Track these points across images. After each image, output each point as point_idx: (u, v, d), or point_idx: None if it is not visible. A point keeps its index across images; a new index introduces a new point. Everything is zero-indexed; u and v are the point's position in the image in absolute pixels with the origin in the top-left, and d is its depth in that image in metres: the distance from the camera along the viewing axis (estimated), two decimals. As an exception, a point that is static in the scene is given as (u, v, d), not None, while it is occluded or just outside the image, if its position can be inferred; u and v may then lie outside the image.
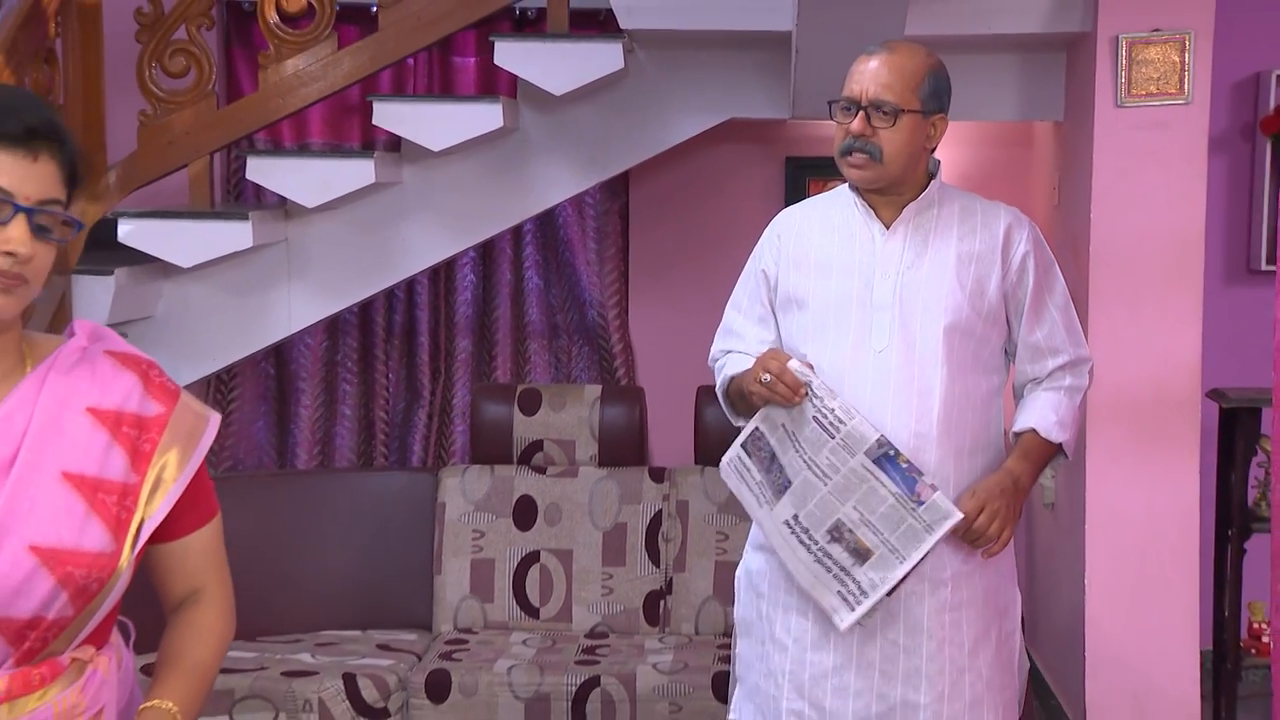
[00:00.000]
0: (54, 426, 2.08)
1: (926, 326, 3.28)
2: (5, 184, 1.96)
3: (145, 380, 2.20)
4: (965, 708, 3.30)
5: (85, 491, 2.08)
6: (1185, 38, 5.26)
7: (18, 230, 1.97)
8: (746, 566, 3.52)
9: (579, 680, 4.73)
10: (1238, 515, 5.57)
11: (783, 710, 3.34)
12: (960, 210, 3.37)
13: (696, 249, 6.72)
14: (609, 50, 5.40)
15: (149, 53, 5.38)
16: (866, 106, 3.26)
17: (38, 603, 2.04)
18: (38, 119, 2.01)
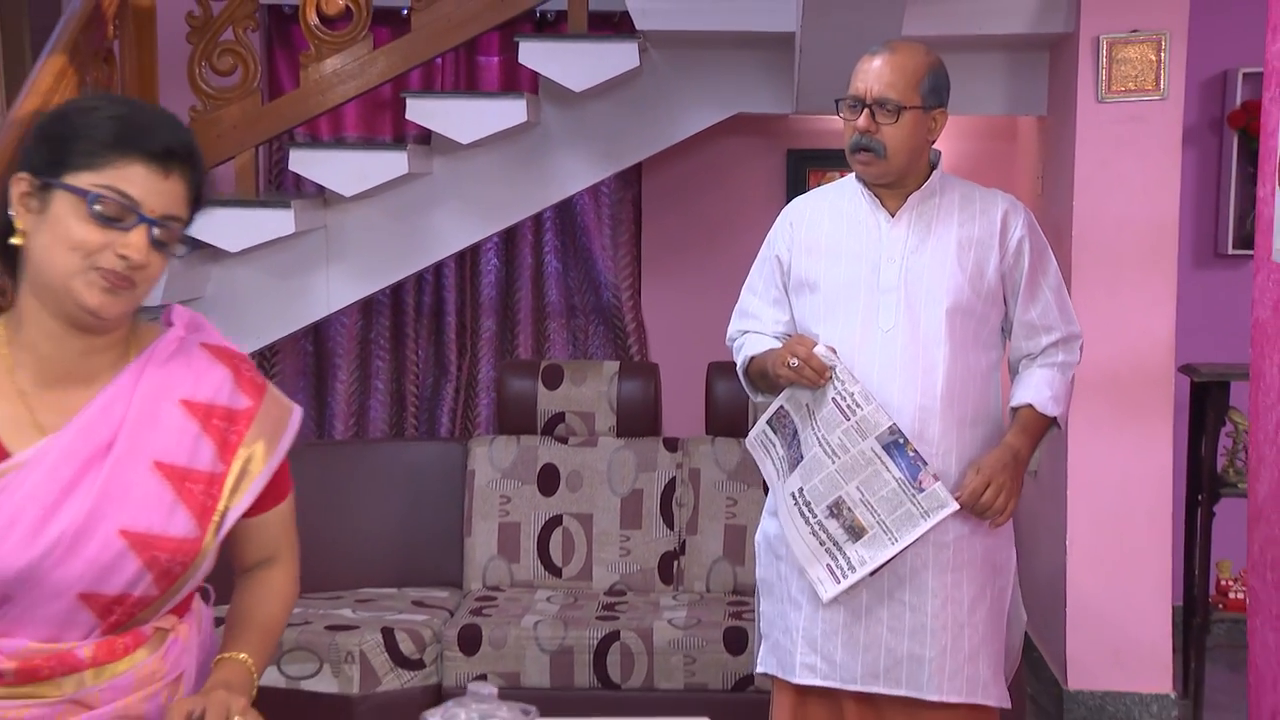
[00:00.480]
0: (149, 417, 2.07)
1: (930, 307, 3.30)
2: (135, 194, 1.96)
3: (236, 374, 2.18)
4: (965, 659, 3.33)
5: (174, 480, 2.07)
6: (1161, 38, 5.27)
7: (137, 238, 1.97)
8: (765, 531, 3.54)
9: (600, 634, 4.75)
10: (1207, 481, 5.60)
11: (797, 664, 3.36)
12: (960, 198, 3.38)
13: (704, 235, 6.75)
14: (625, 50, 5.41)
15: (199, 53, 5.39)
16: (871, 104, 3.27)
17: (125, 582, 2.05)
18: (176, 140, 2.01)
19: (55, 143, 1.97)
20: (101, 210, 1.94)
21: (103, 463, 2.03)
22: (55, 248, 1.96)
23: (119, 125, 1.97)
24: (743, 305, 3.57)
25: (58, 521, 1.99)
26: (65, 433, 2.02)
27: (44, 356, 2.04)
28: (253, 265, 5.55)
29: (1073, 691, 5.51)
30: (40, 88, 4.60)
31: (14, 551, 1.97)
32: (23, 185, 1.98)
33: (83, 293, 1.97)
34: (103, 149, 1.95)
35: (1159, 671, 5.52)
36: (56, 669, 2.06)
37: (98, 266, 1.96)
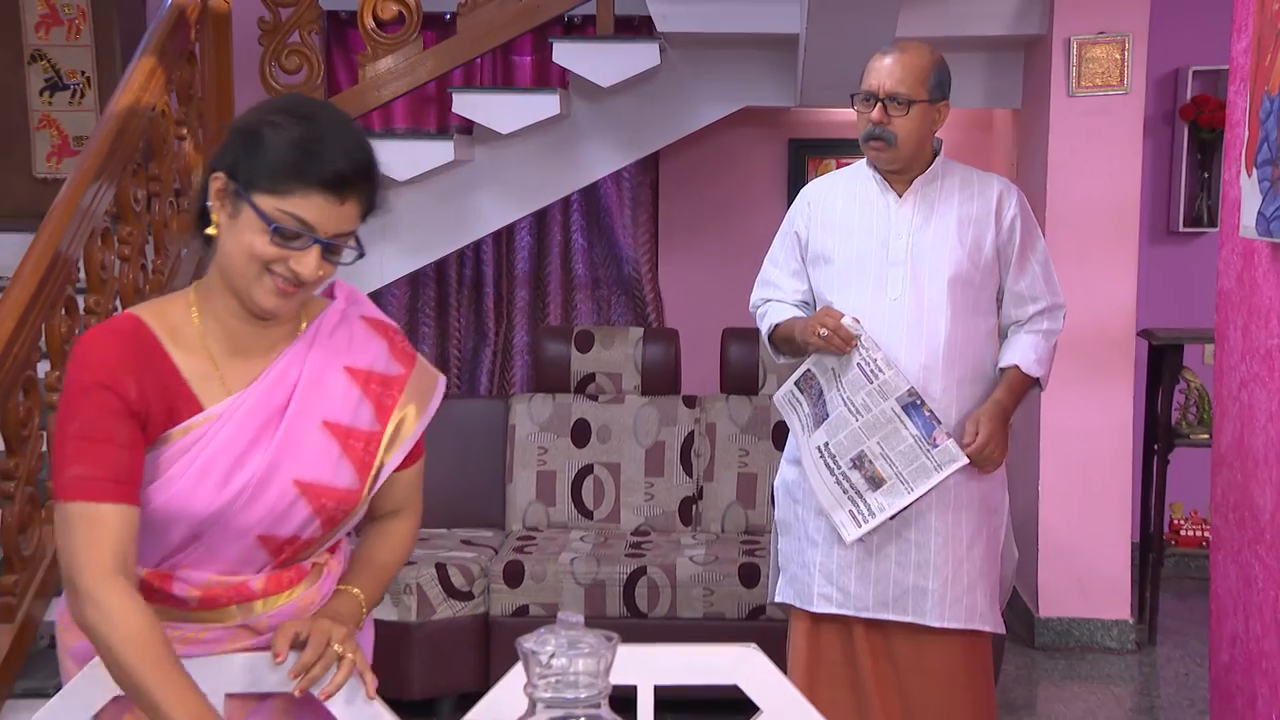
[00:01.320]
0: (318, 381, 2.08)
1: (933, 278, 3.30)
2: (311, 220, 1.94)
3: (391, 345, 2.18)
4: (964, 590, 3.34)
5: (339, 437, 2.08)
6: (1125, 39, 5.27)
7: (310, 258, 1.96)
8: (783, 478, 3.54)
9: (629, 570, 4.75)
10: (1163, 433, 5.61)
11: (814, 594, 3.38)
12: (960, 181, 3.38)
13: (714, 215, 6.75)
14: (647, 49, 5.40)
15: (269, 54, 5.38)
16: (884, 98, 3.26)
17: (296, 525, 2.08)
18: (351, 168, 1.96)
19: (248, 159, 1.95)
20: (280, 233, 1.93)
21: (280, 421, 2.04)
22: (238, 253, 1.96)
23: (301, 154, 1.92)
24: (765, 275, 3.56)
25: (243, 471, 2.01)
26: (250, 393, 2.03)
27: (229, 328, 2.05)
28: (315, 243, 5.54)
29: (1043, 618, 5.54)
30: (133, 85, 4.60)
31: (207, 495, 1.99)
32: (219, 183, 1.98)
33: (258, 296, 1.97)
34: (286, 178, 1.92)
35: (1119, 600, 5.55)
36: (233, 598, 2.09)
37: (272, 272, 1.95)
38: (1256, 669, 3.07)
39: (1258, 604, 3.06)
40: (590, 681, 1.57)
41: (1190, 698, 5.09)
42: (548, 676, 1.58)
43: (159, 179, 4.81)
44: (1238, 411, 3.20)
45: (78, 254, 4.15)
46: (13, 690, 3.76)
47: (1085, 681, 5.24)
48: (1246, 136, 2.98)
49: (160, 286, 4.78)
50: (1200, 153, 6.48)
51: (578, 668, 1.57)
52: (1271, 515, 2.96)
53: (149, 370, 1.97)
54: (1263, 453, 3.02)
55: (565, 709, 1.57)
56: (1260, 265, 3.05)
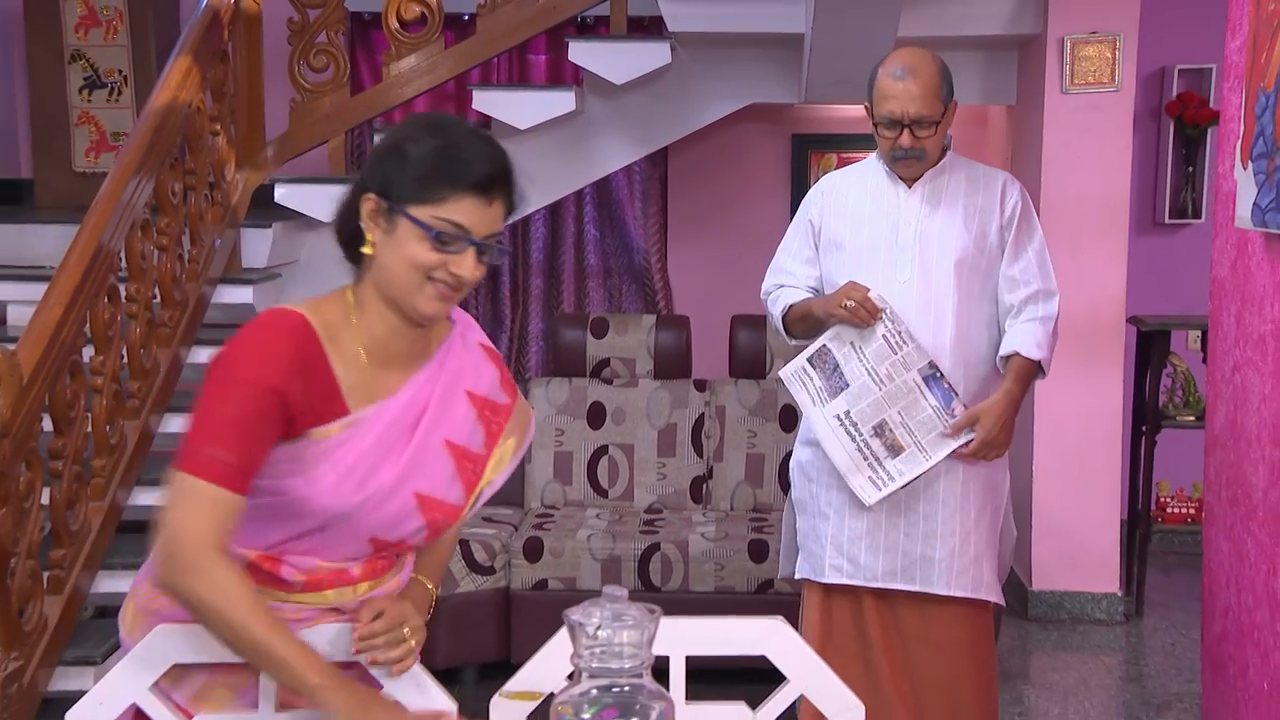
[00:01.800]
0: (446, 402, 2.10)
1: (940, 263, 3.30)
2: (466, 223, 1.94)
3: (501, 374, 2.21)
4: (970, 561, 3.35)
5: (456, 457, 2.10)
6: (1116, 38, 5.26)
7: (468, 260, 1.97)
8: (798, 459, 3.54)
9: (643, 546, 4.76)
10: (1151, 415, 5.61)
11: (826, 565, 3.38)
12: (966, 175, 3.38)
13: (721, 207, 6.75)
14: (659, 49, 5.39)
15: (298, 53, 5.37)
16: (909, 124, 3.25)
17: (406, 532, 2.11)
18: (497, 169, 1.98)
19: (397, 176, 1.96)
20: (440, 239, 1.94)
21: (412, 435, 2.06)
22: (399, 265, 1.96)
23: (449, 162, 1.95)
24: (778, 263, 3.55)
25: (376, 478, 2.02)
26: (392, 403, 2.04)
27: (378, 339, 2.04)
28: (340, 233, 5.53)
29: (1036, 591, 5.55)
30: (170, 83, 4.59)
31: (345, 496, 2.00)
32: (370, 204, 1.98)
33: (421, 303, 1.98)
34: (438, 185, 1.93)
35: (1108, 574, 5.56)
36: (333, 583, 2.11)
37: (433, 279, 1.96)
38: (1248, 640, 3.08)
39: (1250, 578, 3.07)
40: (634, 652, 1.58)
41: (1176, 666, 5.10)
42: (593, 647, 1.58)
43: (194, 172, 4.80)
44: (1231, 394, 3.20)
45: (119, 245, 4.15)
46: (62, 658, 3.77)
47: (1076, 651, 5.25)
48: (1242, 131, 2.98)
49: (195, 276, 4.78)
50: (1185, 147, 6.48)
51: (622, 639, 1.58)
52: (1264, 493, 2.97)
53: (311, 372, 1.98)
54: (1255, 433, 3.03)
55: (610, 678, 1.58)
56: (1254, 255, 3.05)
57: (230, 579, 1.90)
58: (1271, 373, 2.93)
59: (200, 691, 2.09)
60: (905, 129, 3.25)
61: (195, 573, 1.89)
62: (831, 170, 6.58)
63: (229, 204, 5.14)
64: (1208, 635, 3.40)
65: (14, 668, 3.45)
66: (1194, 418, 5.66)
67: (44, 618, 3.66)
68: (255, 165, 5.36)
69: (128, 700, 2.01)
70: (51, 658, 3.69)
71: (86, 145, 6.00)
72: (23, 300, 4.86)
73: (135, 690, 2.00)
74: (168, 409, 4.53)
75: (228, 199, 5.14)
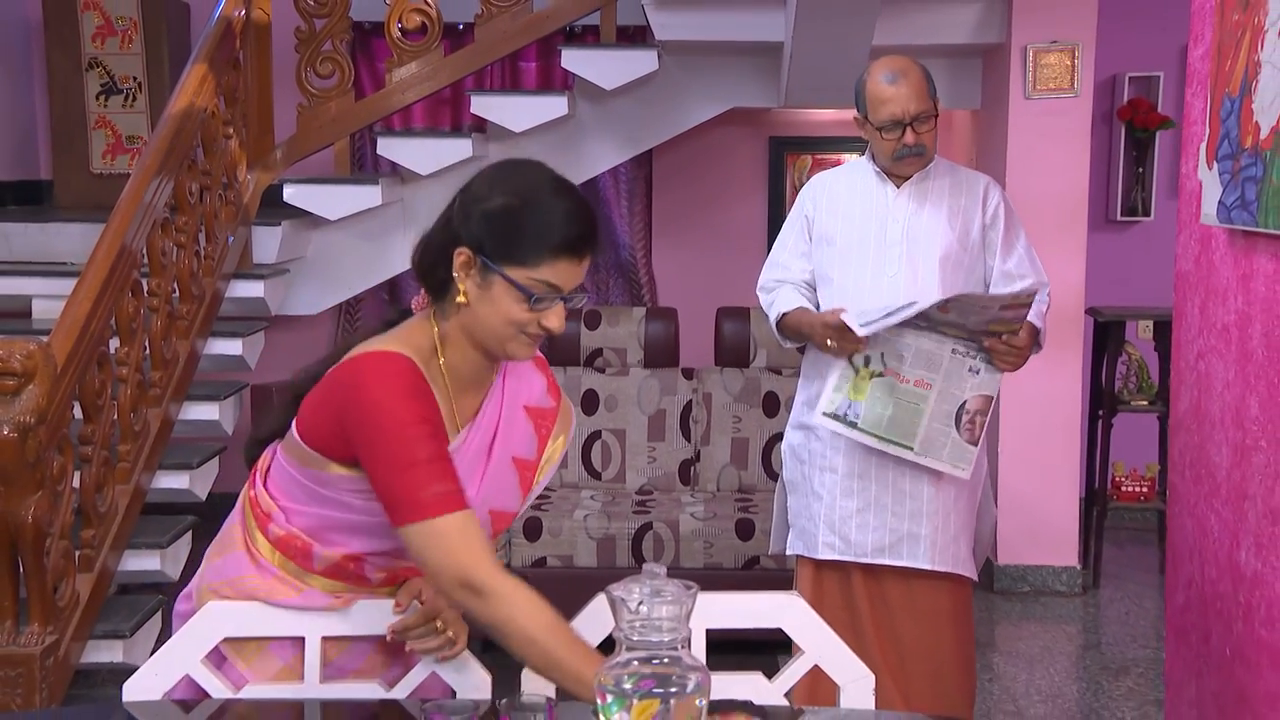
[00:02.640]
0: (511, 420, 2.10)
1: (926, 259, 3.30)
2: (558, 282, 1.93)
3: (548, 381, 2.21)
4: (951, 539, 3.36)
5: (520, 469, 2.11)
6: (1075, 47, 5.29)
7: (558, 314, 1.96)
8: (790, 442, 3.53)
9: (636, 525, 4.76)
10: (1107, 400, 5.65)
11: (819, 543, 3.39)
12: (950, 178, 3.40)
13: (702, 205, 6.75)
14: (647, 56, 5.40)
15: (305, 60, 5.36)
16: (910, 122, 3.26)
17: None
18: (587, 227, 1.96)
19: (492, 236, 1.93)
20: (530, 299, 1.92)
21: (488, 459, 2.06)
22: (494, 318, 1.95)
23: (544, 228, 1.92)
24: (775, 258, 3.53)
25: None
26: (474, 430, 2.05)
27: (458, 372, 2.03)
28: (345, 231, 5.53)
29: (1001, 565, 5.58)
30: (188, 89, 4.58)
31: None
32: (464, 258, 1.94)
33: (514, 350, 1.98)
34: (535, 252, 1.91)
35: (1068, 548, 5.59)
36: (407, 576, 2.13)
37: (526, 333, 1.96)
38: (1211, 610, 3.10)
39: (1213, 552, 3.09)
40: (672, 626, 1.58)
41: (1131, 634, 5.14)
42: (634, 621, 1.58)
43: (210, 173, 4.79)
44: (1195, 380, 3.22)
45: (142, 242, 4.14)
46: (92, 632, 3.75)
47: (1040, 621, 5.28)
48: (1207, 134, 2.99)
49: (211, 271, 4.76)
50: (1135, 149, 6.52)
51: (661, 613, 1.58)
52: (1228, 473, 2.99)
53: (433, 409, 1.97)
54: (1219, 416, 3.05)
55: (650, 650, 1.58)
56: (1218, 250, 3.07)
57: (527, 599, 1.89)
58: (1235, 360, 2.95)
59: (255, 661, 2.09)
60: (907, 127, 3.25)
61: (494, 599, 1.88)
62: (806, 170, 6.69)
63: (241, 203, 5.12)
64: (1171, 605, 3.42)
65: (50, 641, 3.44)
66: (1147, 402, 5.70)
67: (76, 594, 3.65)
68: (265, 166, 5.34)
69: (181, 672, 2.01)
70: (83, 632, 3.68)
71: (103, 148, 5.97)
72: (47, 295, 4.85)
73: (188, 662, 1.99)
74: (186, 397, 4.52)
75: (240, 198, 5.12)
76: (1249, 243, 2.88)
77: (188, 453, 4.46)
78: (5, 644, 3.38)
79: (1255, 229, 2.73)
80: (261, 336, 5.12)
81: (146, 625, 3.98)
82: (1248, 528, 2.89)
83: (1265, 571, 2.79)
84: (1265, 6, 2.66)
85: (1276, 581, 2.76)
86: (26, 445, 3.28)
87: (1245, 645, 2.93)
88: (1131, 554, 6.11)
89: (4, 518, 3.28)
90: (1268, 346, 2.80)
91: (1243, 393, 2.91)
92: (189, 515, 4.39)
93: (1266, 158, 2.67)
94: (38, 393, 3.31)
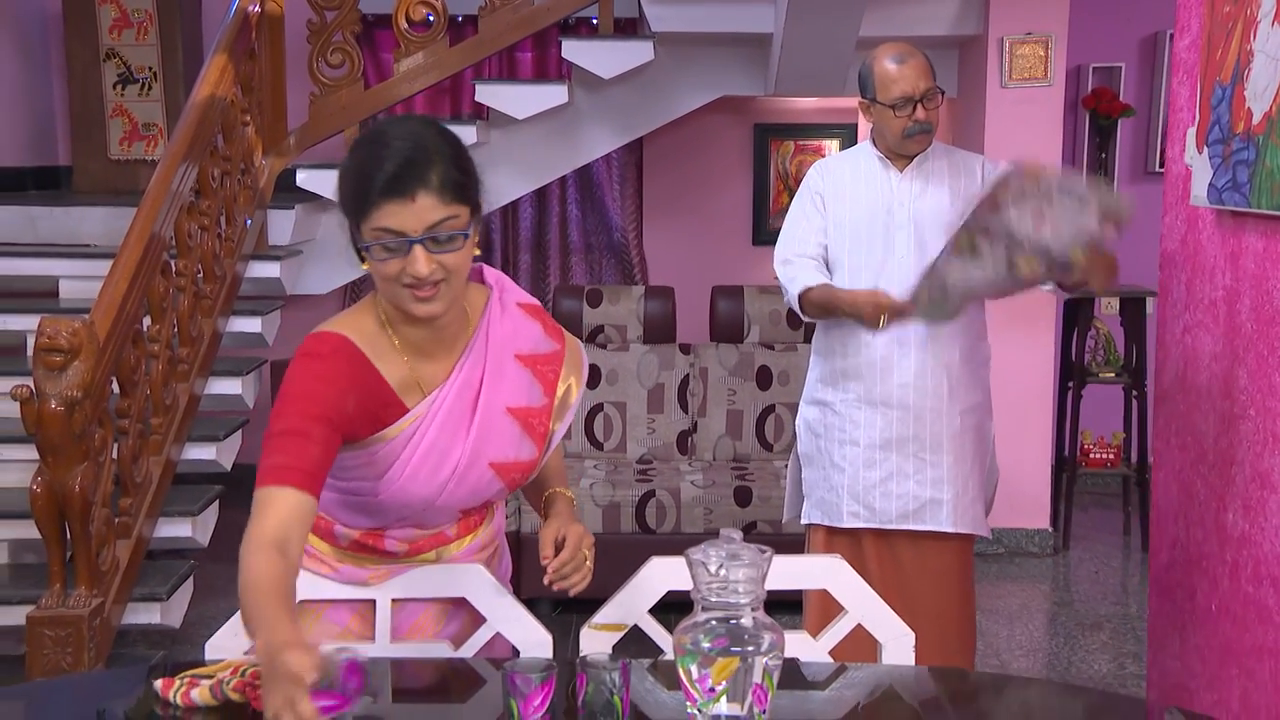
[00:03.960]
0: (498, 373, 2.01)
1: (934, 240, 3.28)
2: (395, 226, 1.80)
3: (544, 325, 2.10)
4: (969, 503, 3.38)
5: (520, 418, 2.02)
6: (1049, 39, 5.30)
7: (417, 258, 1.81)
8: (804, 417, 3.52)
9: (640, 493, 4.77)
10: (1076, 372, 5.69)
11: (844, 512, 3.38)
12: (949, 160, 3.40)
13: (690, 189, 6.74)
14: (643, 47, 5.37)
15: (316, 51, 5.31)
16: (920, 99, 3.26)
17: (490, 495, 2.08)
18: (402, 164, 1.81)
19: (345, 203, 1.87)
20: (381, 250, 1.83)
21: (473, 414, 1.99)
22: (379, 281, 1.88)
23: (360, 177, 1.83)
24: (790, 231, 3.43)
25: (449, 463, 1.97)
26: (445, 392, 1.98)
27: (413, 337, 1.96)
28: (354, 214, 5.48)
29: (978, 528, 5.61)
30: (210, 79, 4.54)
31: (422, 488, 1.97)
32: (347, 230, 1.90)
33: (408, 307, 1.88)
34: (359, 203, 1.83)
35: (1040, 512, 5.64)
36: (433, 545, 2.11)
37: (404, 285, 1.85)
38: (1196, 568, 3.13)
39: (1199, 514, 3.11)
40: (749, 589, 1.58)
41: (1102, 591, 5.19)
42: (711, 584, 1.58)
43: (230, 159, 4.75)
44: (1180, 353, 3.24)
45: (170, 226, 4.10)
46: (131, 595, 3.73)
47: (1016, 581, 5.32)
48: (1197, 120, 3.00)
49: (231, 253, 4.72)
50: (1099, 137, 6.53)
51: (738, 576, 1.58)
52: (1215, 440, 3.01)
53: (363, 384, 1.91)
54: (1206, 387, 3.07)
55: (727, 611, 1.58)
56: (1205, 230, 3.08)
57: (259, 558, 1.73)
58: (1223, 334, 2.98)
59: (313, 629, 2.08)
60: (917, 104, 3.25)
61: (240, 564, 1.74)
62: (790, 156, 6.68)
63: (257, 187, 5.08)
64: (1155, 564, 3.45)
65: (95, 604, 3.43)
66: (1114, 374, 5.74)
67: (116, 559, 3.64)
68: (279, 152, 5.30)
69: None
70: (123, 595, 3.67)
71: (120, 135, 5.92)
72: (73, 275, 4.80)
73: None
74: (210, 373, 4.49)
75: (256, 183, 5.08)
76: (1238, 223, 2.90)
77: (213, 425, 4.44)
78: (55, 606, 3.37)
79: (1247, 209, 2.75)
80: (278, 315, 5.09)
81: (181, 589, 3.96)
82: (1235, 491, 2.92)
83: (1253, 532, 2.82)
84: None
85: (1264, 541, 2.80)
86: (73, 418, 3.26)
87: (1232, 601, 2.96)
88: (1096, 517, 6.16)
89: (52, 487, 3.26)
90: (1257, 320, 2.82)
91: (1231, 365, 2.93)
92: (216, 485, 4.37)
93: (1259, 142, 2.69)
94: (83, 368, 3.29)
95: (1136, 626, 4.75)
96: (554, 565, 2.00)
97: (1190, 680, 3.20)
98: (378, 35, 6.39)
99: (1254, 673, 2.84)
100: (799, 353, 5.30)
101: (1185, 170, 3.21)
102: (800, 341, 5.32)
